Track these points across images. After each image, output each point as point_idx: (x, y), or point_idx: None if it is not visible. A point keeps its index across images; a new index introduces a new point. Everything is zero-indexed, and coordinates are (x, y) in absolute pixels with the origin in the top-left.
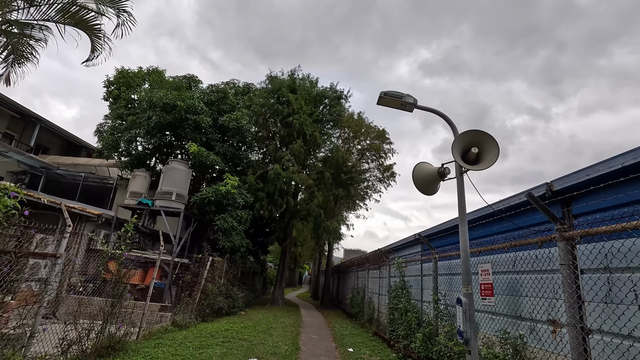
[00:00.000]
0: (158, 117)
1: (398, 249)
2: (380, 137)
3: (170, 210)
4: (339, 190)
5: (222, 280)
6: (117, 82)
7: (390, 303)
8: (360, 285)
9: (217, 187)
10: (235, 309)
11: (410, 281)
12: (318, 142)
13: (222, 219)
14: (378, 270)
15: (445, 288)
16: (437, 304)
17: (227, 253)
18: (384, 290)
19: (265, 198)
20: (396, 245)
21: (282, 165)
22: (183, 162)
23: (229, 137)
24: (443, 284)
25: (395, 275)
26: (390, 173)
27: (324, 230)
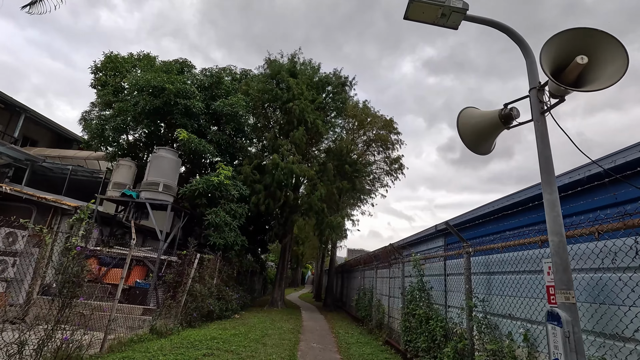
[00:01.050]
0: (145, 102)
1: (414, 243)
2: (387, 127)
3: (157, 203)
4: (343, 182)
5: (215, 280)
6: (104, 68)
7: (406, 307)
8: (368, 286)
9: (209, 178)
10: (228, 312)
11: (430, 282)
12: (320, 130)
13: (214, 213)
14: (388, 269)
15: (482, 291)
16: (472, 311)
17: (219, 250)
18: (396, 292)
19: (262, 191)
20: (412, 239)
21: (281, 155)
22: (172, 150)
23: (223, 125)
24: (479, 286)
25: (412, 274)
26: (398, 165)
27: (326, 226)
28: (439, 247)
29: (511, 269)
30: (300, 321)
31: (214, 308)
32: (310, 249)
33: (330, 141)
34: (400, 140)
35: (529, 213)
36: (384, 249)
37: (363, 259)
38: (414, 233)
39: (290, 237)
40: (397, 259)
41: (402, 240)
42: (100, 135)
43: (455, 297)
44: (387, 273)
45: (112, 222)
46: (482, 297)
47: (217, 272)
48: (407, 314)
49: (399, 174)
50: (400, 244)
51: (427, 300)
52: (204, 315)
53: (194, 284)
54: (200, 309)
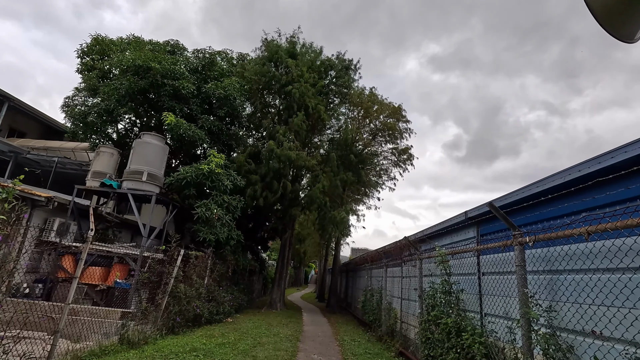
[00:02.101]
0: (129, 83)
1: (436, 236)
2: (395, 115)
3: (140, 194)
4: (348, 174)
5: (206, 280)
6: (91, 51)
7: (426, 314)
8: (376, 287)
9: (198, 166)
10: (219, 315)
11: (460, 282)
12: (323, 117)
13: (204, 206)
14: (400, 268)
15: (544, 296)
16: (531, 324)
17: (210, 247)
18: (411, 294)
19: (259, 182)
20: (433, 230)
21: (278, 141)
22: (158, 136)
23: (215, 109)
24: (538, 289)
25: (433, 273)
26: (407, 156)
27: (329, 221)
28: (469, 239)
29: (596, 265)
30: (301, 325)
31: (202, 311)
32: (312, 247)
33: (334, 130)
34: (410, 129)
35: (629, 182)
36: (396, 244)
37: (370, 257)
38: (435, 223)
39: (291, 233)
40: (413, 255)
41: (421, 233)
42: (83, 121)
43: (495, 303)
44: (399, 272)
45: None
46: (546, 304)
47: (208, 271)
48: (428, 322)
49: (408, 165)
50: (417, 237)
51: (456, 305)
52: (189, 319)
53: (178, 284)
54: (185, 313)
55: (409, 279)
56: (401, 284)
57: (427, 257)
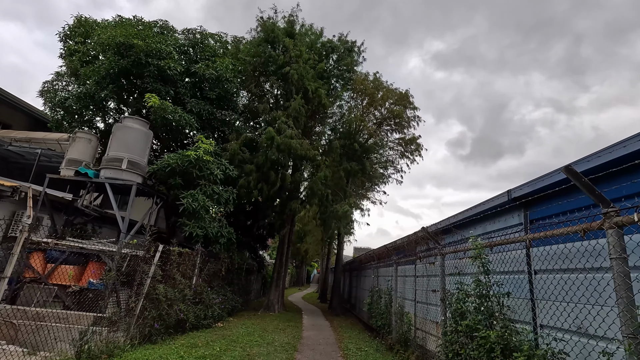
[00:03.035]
0: (109, 62)
1: (464, 225)
2: (402, 101)
3: (120, 184)
4: (352, 164)
5: (194, 279)
6: (73, 34)
7: (454, 323)
8: (384, 287)
9: (184, 152)
10: (207, 319)
11: (504, 283)
12: (324, 102)
13: (190, 196)
14: (413, 266)
15: None
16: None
17: (198, 243)
18: (430, 297)
19: (254, 172)
20: (461, 219)
21: (277, 127)
22: (140, 120)
23: (206, 92)
24: None
25: (462, 271)
26: (415, 146)
27: (331, 215)
28: (511, 227)
29: None
30: (300, 330)
31: (187, 316)
32: (314, 245)
33: (336, 119)
34: (418, 116)
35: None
36: (409, 238)
37: (377, 254)
38: (464, 209)
39: (290, 229)
40: (432, 250)
41: (444, 222)
42: (62, 106)
43: (559, 311)
44: (411, 270)
45: (69, 209)
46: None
47: (197, 270)
48: (457, 333)
49: (416, 156)
50: (439, 227)
51: (500, 314)
52: (170, 325)
53: (156, 285)
54: (165, 318)
55: (426, 278)
56: (415, 285)
57: (452, 251)
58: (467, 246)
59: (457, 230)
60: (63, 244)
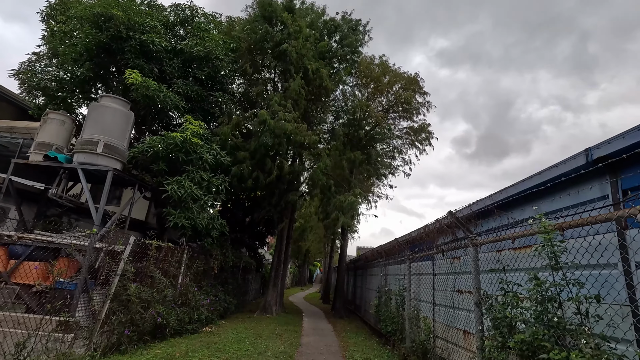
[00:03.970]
0: (85, 35)
1: (509, 204)
2: (411, 86)
3: (95, 170)
4: (356, 153)
5: (180, 278)
6: (56, 13)
7: (499, 336)
8: (394, 287)
9: (169, 134)
10: (193, 324)
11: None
12: (326, 84)
13: (176, 183)
14: (432, 261)
15: None
16: None
17: (184, 236)
18: (456, 300)
19: (248, 159)
20: (507, 196)
21: (272, 111)
22: (120, 100)
23: (194, 70)
24: None
25: (507, 266)
26: (425, 135)
27: (334, 207)
28: (587, 202)
29: None
30: (299, 336)
31: (166, 320)
32: (316, 243)
33: (339, 105)
34: (428, 102)
35: None
36: (428, 228)
37: (386, 249)
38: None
39: (289, 224)
40: (461, 241)
41: (481, 203)
42: (38, 88)
43: None
44: (429, 267)
45: (40, 199)
46: None
47: (183, 268)
48: (505, 351)
49: (426, 145)
50: (473, 210)
51: (582, 326)
52: (146, 332)
53: (128, 284)
54: (138, 323)
55: (451, 276)
56: (433, 284)
57: (493, 240)
58: (518, 232)
59: (500, 213)
60: (28, 237)
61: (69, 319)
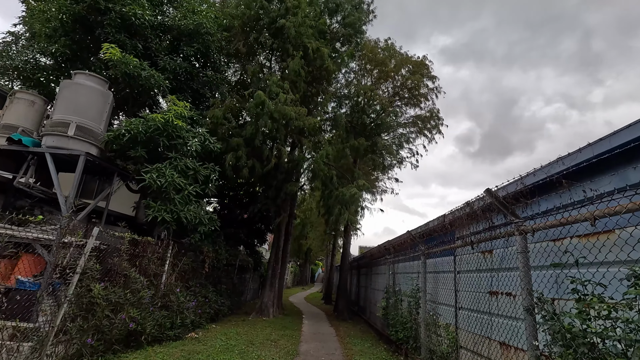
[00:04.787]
0: (59, 7)
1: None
2: (419, 69)
3: (65, 155)
4: (360, 140)
5: (164, 277)
6: None
7: (569, 356)
8: (406, 288)
9: (149, 116)
10: (176, 329)
11: None
12: (327, 65)
13: (156, 171)
14: (453, 256)
15: None
16: None
17: (165, 230)
18: (491, 304)
19: (243, 147)
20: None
21: (271, 92)
22: (96, 78)
23: (183, 47)
24: None
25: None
26: (434, 122)
27: (336, 200)
28: None
29: None
30: (297, 342)
31: (141, 326)
32: (317, 240)
33: (343, 89)
34: (437, 87)
35: None
36: (455, 214)
37: (395, 244)
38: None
39: (288, 219)
40: (497, 229)
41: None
42: (13, 68)
43: None
44: (449, 263)
45: (8, 189)
46: None
47: (168, 266)
48: None
49: (436, 133)
50: (525, 186)
51: None
52: (116, 340)
53: (91, 284)
54: (105, 330)
55: (482, 274)
56: (455, 284)
57: (554, 225)
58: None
59: (572, 183)
60: None
61: (26, 325)
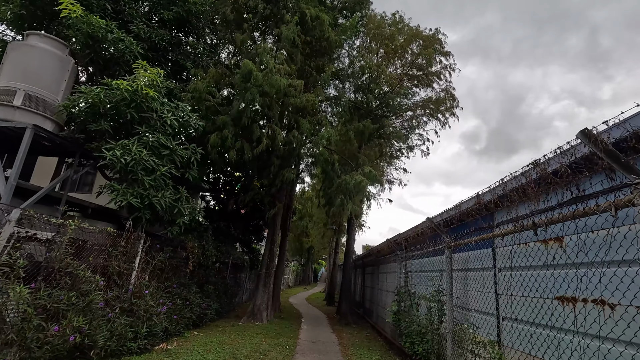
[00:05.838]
0: None
1: None
2: (431, 43)
3: (10, 129)
4: (366, 122)
5: (133, 276)
6: None
7: None
8: (423, 290)
9: (112, 82)
10: (140, 340)
11: None
12: (328, 34)
13: (120, 147)
14: (491, 248)
15: None
16: None
17: (141, 223)
18: (565, 316)
19: (229, 125)
20: None
21: (260, 61)
22: (53, 40)
23: (160, 12)
24: None
25: None
26: (449, 103)
27: (338, 189)
28: None
29: None
30: (291, 354)
31: (91, 338)
32: (319, 236)
33: (346, 67)
34: (451, 65)
35: None
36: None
37: (408, 238)
38: None
39: (285, 211)
40: (593, 198)
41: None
42: None
43: None
44: (487, 258)
45: None
46: None
47: (138, 263)
48: None
49: (450, 115)
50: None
51: None
52: (49, 358)
53: (8, 287)
54: (30, 347)
55: (531, 272)
56: (496, 286)
57: None
58: None
59: None
60: None
61: None
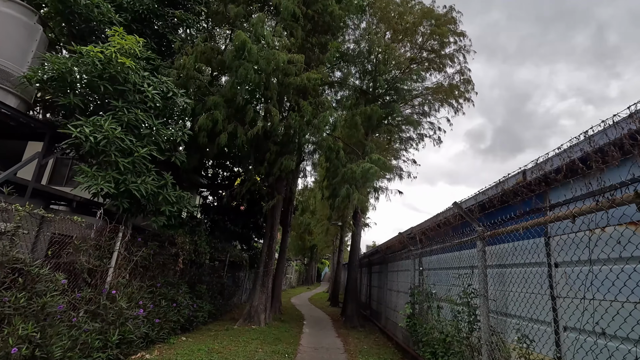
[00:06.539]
0: None
1: None
2: (444, 24)
3: None
4: (374, 106)
5: (110, 276)
6: None
7: None
8: (446, 291)
9: (82, 49)
10: (111, 350)
11: None
12: (331, 9)
13: (91, 124)
14: (544, 237)
15: None
16: None
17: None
18: None
19: (221, 106)
20: None
21: (256, 33)
22: (19, 5)
23: None
24: None
25: None
26: (464, 87)
27: (343, 179)
28: None
29: None
30: None
31: (43, 349)
32: (324, 235)
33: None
34: (466, 46)
35: None
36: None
37: (424, 230)
38: None
39: (286, 204)
40: None
41: None
42: None
43: None
44: (537, 251)
45: None
46: None
47: (115, 259)
48: None
49: (464, 100)
50: None
51: None
52: None
53: None
54: None
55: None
56: (553, 287)
57: None
58: None
59: None
60: None
61: None
